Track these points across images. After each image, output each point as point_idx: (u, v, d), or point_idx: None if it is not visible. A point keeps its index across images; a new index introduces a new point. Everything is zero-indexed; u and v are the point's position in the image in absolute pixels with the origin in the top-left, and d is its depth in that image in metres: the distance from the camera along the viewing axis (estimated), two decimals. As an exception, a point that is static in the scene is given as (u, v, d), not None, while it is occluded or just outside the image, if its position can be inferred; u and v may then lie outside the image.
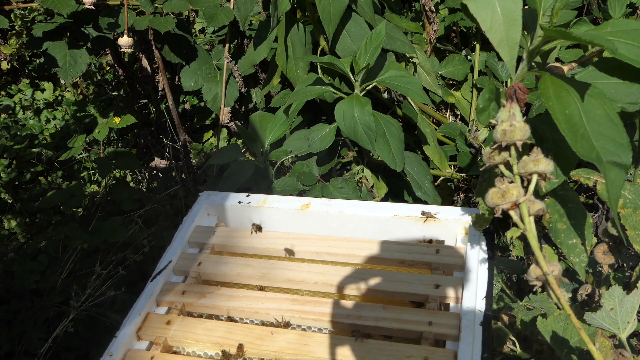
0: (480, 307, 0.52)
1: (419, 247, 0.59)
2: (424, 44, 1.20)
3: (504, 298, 0.85)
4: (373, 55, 0.80)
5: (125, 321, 0.55)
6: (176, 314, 0.57)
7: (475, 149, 1.10)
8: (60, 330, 1.01)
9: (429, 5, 1.13)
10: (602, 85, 0.49)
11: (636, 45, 0.47)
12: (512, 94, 0.44)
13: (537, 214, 0.41)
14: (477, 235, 0.59)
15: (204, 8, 1.11)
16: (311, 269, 0.59)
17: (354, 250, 0.60)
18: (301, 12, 0.99)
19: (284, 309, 0.55)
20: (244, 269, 0.60)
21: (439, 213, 0.62)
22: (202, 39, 1.61)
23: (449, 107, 1.33)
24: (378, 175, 0.92)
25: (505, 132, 0.42)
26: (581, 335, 0.41)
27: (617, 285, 0.51)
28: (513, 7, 0.47)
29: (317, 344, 0.51)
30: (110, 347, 0.53)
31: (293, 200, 0.66)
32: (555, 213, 0.56)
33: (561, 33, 0.46)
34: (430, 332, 0.51)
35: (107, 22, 1.14)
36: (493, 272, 0.56)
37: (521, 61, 0.52)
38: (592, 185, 0.59)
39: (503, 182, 0.42)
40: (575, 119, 0.45)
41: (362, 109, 0.78)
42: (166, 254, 0.62)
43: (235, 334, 0.54)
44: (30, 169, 1.60)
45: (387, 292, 0.56)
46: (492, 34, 0.48)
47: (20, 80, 2.01)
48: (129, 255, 1.21)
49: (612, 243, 0.63)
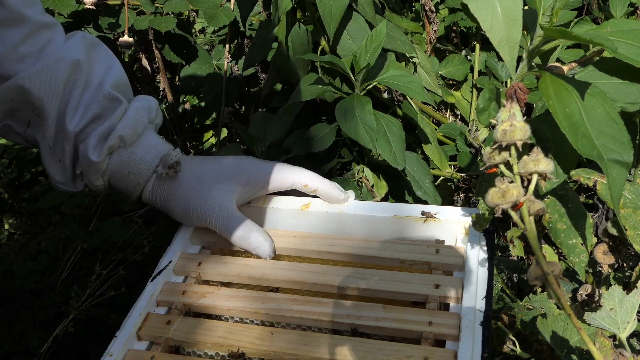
0: (480, 307, 0.52)
1: (419, 247, 0.59)
2: (424, 44, 1.20)
3: (504, 298, 0.85)
4: (373, 55, 0.80)
5: (125, 321, 0.55)
6: (176, 314, 0.57)
7: (475, 149, 1.10)
8: (60, 330, 1.01)
9: (429, 5, 1.13)
10: (602, 85, 0.49)
11: (636, 45, 0.47)
12: (512, 93, 0.44)
13: (537, 214, 0.41)
14: (477, 235, 0.59)
15: (205, 8, 1.11)
16: (311, 269, 0.59)
17: (354, 249, 0.60)
18: (301, 12, 0.99)
19: (284, 309, 0.55)
20: (244, 269, 0.60)
21: (439, 213, 0.62)
22: (202, 39, 1.61)
23: (449, 107, 1.33)
24: (378, 175, 0.91)
25: (505, 132, 0.42)
26: (581, 335, 0.41)
27: (617, 285, 0.51)
28: (513, 7, 0.47)
29: (317, 344, 0.51)
30: (110, 347, 0.53)
31: (293, 200, 0.67)
32: (555, 213, 0.56)
33: (561, 33, 0.46)
34: (430, 332, 0.51)
35: (108, 22, 1.14)
36: (493, 272, 0.56)
37: (521, 61, 0.52)
38: (592, 185, 0.59)
39: (503, 182, 0.42)
40: (576, 117, 0.45)
41: (362, 108, 0.78)
42: (166, 254, 0.63)
43: (235, 334, 0.54)
44: (30, 169, 1.60)
45: (387, 292, 0.56)
46: (492, 34, 0.48)
47: (21, 80, 2.01)
48: (129, 255, 1.21)
49: (612, 243, 0.63)
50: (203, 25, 1.78)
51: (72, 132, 0.61)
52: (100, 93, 0.61)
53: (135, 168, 0.63)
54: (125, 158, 0.63)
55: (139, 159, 0.63)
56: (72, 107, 0.61)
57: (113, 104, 0.62)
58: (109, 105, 0.62)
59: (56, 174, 0.64)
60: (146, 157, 0.63)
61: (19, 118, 0.62)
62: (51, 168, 0.64)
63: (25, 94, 0.59)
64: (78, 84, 0.61)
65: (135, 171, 0.63)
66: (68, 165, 0.63)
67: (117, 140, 0.61)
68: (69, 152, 0.62)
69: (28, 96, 0.59)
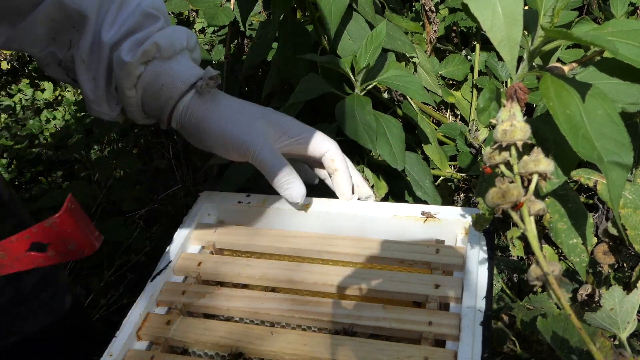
0: (480, 307, 0.52)
1: (419, 247, 0.59)
2: (424, 44, 1.20)
3: (504, 298, 0.85)
4: (373, 55, 0.80)
5: (125, 321, 0.55)
6: (176, 314, 0.57)
7: (476, 149, 1.10)
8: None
9: (429, 5, 1.13)
10: (603, 86, 0.49)
11: (637, 46, 0.47)
12: (513, 93, 0.44)
13: (538, 214, 0.41)
14: (477, 235, 0.59)
15: (205, 8, 1.11)
16: (311, 269, 0.59)
17: (353, 249, 0.60)
18: (301, 12, 0.99)
19: (284, 309, 0.55)
20: (244, 269, 0.60)
21: (439, 213, 0.62)
22: (202, 38, 1.61)
23: (449, 107, 1.33)
24: (378, 175, 0.91)
25: (505, 132, 0.42)
26: (581, 335, 0.41)
27: (617, 285, 0.51)
28: (514, 7, 0.47)
29: (317, 344, 0.51)
30: (110, 347, 0.53)
31: (293, 200, 0.66)
32: (556, 213, 0.56)
33: (562, 33, 0.46)
34: (430, 332, 0.51)
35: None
36: (493, 272, 0.56)
37: (522, 61, 0.52)
38: (592, 185, 0.59)
39: (503, 182, 0.42)
40: (576, 119, 0.45)
41: (362, 108, 0.78)
42: (166, 254, 0.63)
43: (235, 334, 0.54)
44: (30, 169, 1.60)
45: (386, 292, 0.56)
46: (493, 34, 0.48)
47: (20, 80, 2.02)
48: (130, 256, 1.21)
49: (612, 243, 0.63)
50: (203, 25, 1.78)
51: (107, 44, 0.60)
52: (137, 11, 0.61)
53: (170, 80, 0.62)
54: (159, 70, 0.61)
55: (174, 72, 0.62)
56: (108, 22, 0.60)
57: (149, 20, 0.62)
58: (146, 21, 0.61)
59: (90, 93, 0.63)
60: (182, 73, 0.62)
61: (61, 41, 0.62)
62: (86, 86, 0.63)
63: (63, 7, 0.59)
64: (114, 2, 0.61)
65: (170, 83, 0.62)
66: (101, 82, 0.62)
67: (153, 46, 0.60)
68: (104, 65, 0.61)
69: (66, 10, 0.59)
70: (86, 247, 0.46)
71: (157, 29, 0.62)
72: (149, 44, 0.60)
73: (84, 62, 0.62)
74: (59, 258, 0.46)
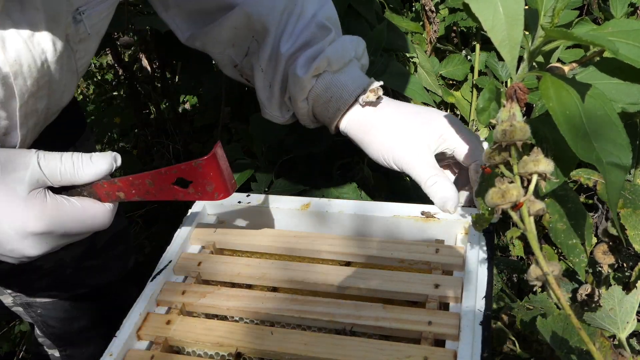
0: (480, 307, 0.52)
1: (419, 247, 0.59)
2: (424, 44, 1.20)
3: (504, 298, 0.85)
4: (374, 55, 0.80)
5: (125, 321, 0.55)
6: (176, 313, 0.57)
7: (476, 149, 1.10)
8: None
9: (429, 5, 1.13)
10: (602, 86, 0.49)
11: (637, 46, 0.47)
12: (513, 93, 0.44)
13: (537, 214, 0.41)
14: (477, 235, 0.59)
15: (204, 8, 1.11)
16: (311, 269, 0.59)
17: (354, 249, 0.60)
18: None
19: (284, 309, 0.55)
20: (244, 269, 0.60)
21: (439, 213, 0.62)
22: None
23: (449, 107, 1.33)
24: (379, 175, 0.91)
25: (505, 132, 0.42)
26: (581, 335, 0.41)
27: (617, 285, 0.52)
28: (515, 7, 0.47)
29: (317, 344, 0.51)
30: (110, 346, 0.53)
31: (293, 200, 0.67)
32: (555, 213, 0.56)
33: (562, 33, 0.46)
34: (430, 332, 0.51)
35: (108, 22, 1.13)
36: (493, 272, 0.56)
37: (522, 61, 0.52)
38: (592, 185, 0.59)
39: (503, 182, 0.42)
40: (576, 120, 0.45)
41: (362, 108, 0.78)
42: (166, 254, 0.63)
43: (235, 334, 0.54)
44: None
45: (386, 291, 0.56)
46: (493, 34, 0.48)
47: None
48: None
49: (612, 243, 0.63)
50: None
51: (284, 55, 0.66)
52: (312, 23, 0.66)
53: (338, 93, 0.66)
54: (329, 82, 0.66)
55: (342, 84, 0.66)
56: (287, 34, 0.65)
57: (323, 32, 0.66)
58: (319, 33, 0.66)
59: (265, 99, 0.69)
60: (349, 84, 0.66)
61: (239, 47, 0.68)
62: (262, 92, 0.69)
63: (249, 19, 0.64)
64: (294, 14, 0.66)
65: (338, 96, 0.66)
66: (277, 90, 0.68)
67: (325, 61, 0.65)
68: (279, 76, 0.67)
69: (250, 22, 0.65)
70: (222, 191, 0.50)
71: (329, 42, 0.66)
72: (320, 60, 0.64)
73: (262, 70, 0.67)
74: (196, 197, 0.51)
